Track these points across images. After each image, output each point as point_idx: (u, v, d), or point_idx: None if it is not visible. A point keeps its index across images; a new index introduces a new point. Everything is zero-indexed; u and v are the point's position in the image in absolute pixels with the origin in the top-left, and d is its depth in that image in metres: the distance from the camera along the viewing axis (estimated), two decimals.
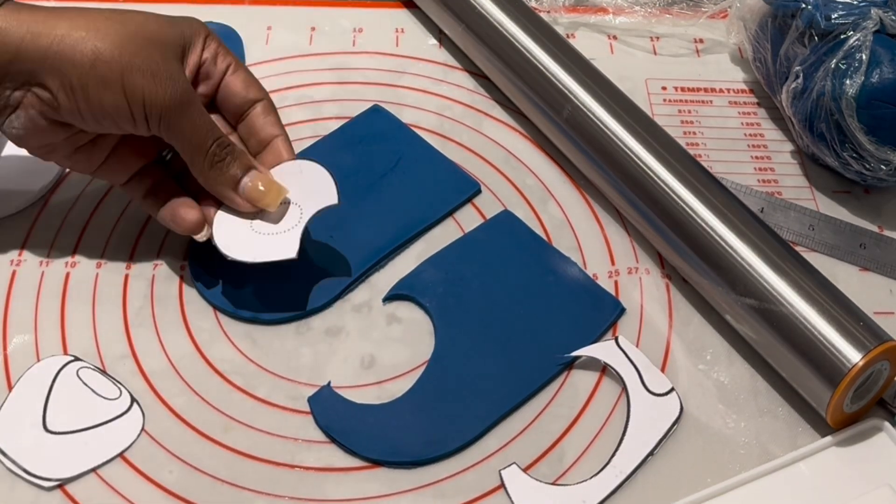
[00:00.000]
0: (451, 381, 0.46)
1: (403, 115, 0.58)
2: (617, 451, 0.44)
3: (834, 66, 0.51)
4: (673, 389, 0.46)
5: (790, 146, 0.58)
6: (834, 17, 0.52)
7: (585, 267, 0.51)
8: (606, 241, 0.53)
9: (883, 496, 0.42)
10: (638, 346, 0.48)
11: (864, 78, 0.50)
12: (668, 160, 0.51)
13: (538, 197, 0.55)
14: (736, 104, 0.61)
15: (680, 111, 0.60)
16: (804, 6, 0.54)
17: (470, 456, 0.44)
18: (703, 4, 0.65)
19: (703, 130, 0.59)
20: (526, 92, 0.57)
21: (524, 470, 0.44)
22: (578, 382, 0.47)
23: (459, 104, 0.60)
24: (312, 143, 0.57)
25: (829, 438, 0.45)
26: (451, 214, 0.54)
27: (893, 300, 0.51)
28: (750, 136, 0.59)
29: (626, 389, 0.46)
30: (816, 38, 0.53)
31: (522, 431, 0.45)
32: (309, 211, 0.47)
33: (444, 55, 0.63)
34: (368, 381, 0.47)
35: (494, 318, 0.49)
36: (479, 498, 0.43)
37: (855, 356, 0.42)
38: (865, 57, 0.50)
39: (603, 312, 0.49)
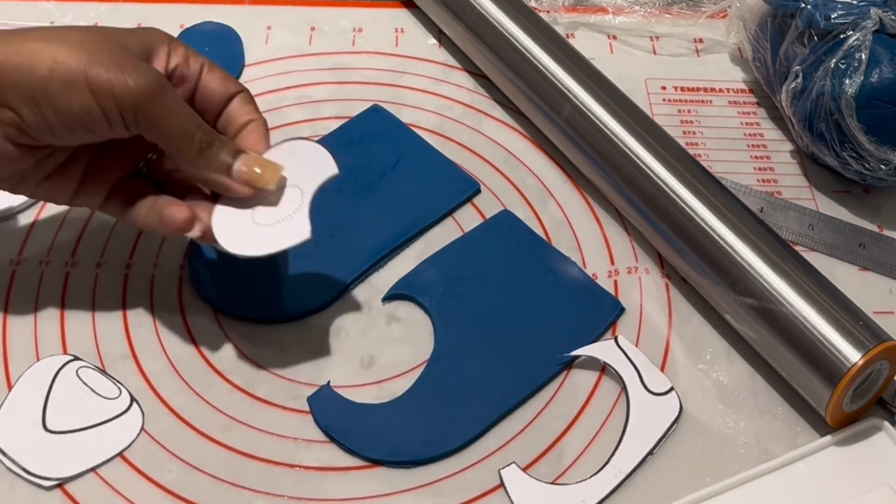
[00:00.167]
0: (450, 380, 0.46)
1: (403, 114, 0.58)
2: (616, 450, 0.44)
3: (833, 65, 0.51)
4: (672, 389, 0.46)
5: (790, 146, 0.58)
6: (833, 16, 0.52)
7: (585, 267, 0.51)
8: (606, 240, 0.53)
9: (882, 496, 0.42)
10: (637, 345, 0.48)
11: (863, 78, 0.50)
12: (667, 160, 0.51)
13: (538, 197, 0.55)
14: (736, 104, 0.61)
15: (680, 111, 0.60)
16: (804, 6, 0.54)
17: (469, 455, 0.44)
18: (702, 4, 0.65)
19: (702, 130, 0.59)
20: (526, 92, 0.57)
21: (524, 469, 0.44)
22: (578, 382, 0.47)
23: (459, 104, 0.60)
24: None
25: (828, 438, 0.45)
26: (450, 214, 0.54)
27: (893, 300, 0.51)
28: (749, 135, 0.59)
29: (625, 389, 0.46)
30: (816, 37, 0.53)
31: (522, 431, 0.45)
32: (310, 188, 0.44)
33: (443, 55, 0.63)
34: (368, 380, 0.47)
35: (494, 317, 0.49)
36: (478, 497, 0.43)
37: (854, 356, 0.42)
38: (865, 57, 0.50)
39: (602, 312, 0.49)
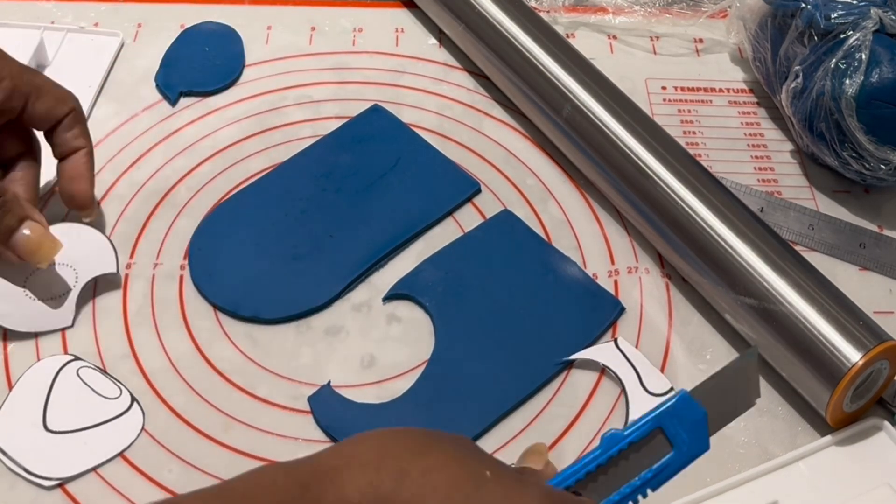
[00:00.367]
0: (450, 380, 0.46)
1: (403, 114, 0.58)
2: None
3: (833, 65, 0.51)
4: (672, 389, 0.46)
5: (790, 146, 0.58)
6: (833, 16, 0.52)
7: (585, 266, 0.51)
8: (606, 240, 0.53)
9: (882, 495, 0.42)
10: (638, 345, 0.48)
11: (863, 77, 0.50)
12: (667, 160, 0.51)
13: (538, 197, 0.55)
14: (736, 104, 0.61)
15: (680, 111, 0.60)
16: (804, 6, 0.54)
17: None
18: (702, 4, 0.65)
19: (702, 130, 0.59)
20: (526, 92, 0.57)
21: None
22: (578, 382, 0.47)
23: (459, 104, 0.60)
24: (312, 142, 0.57)
25: (828, 438, 0.45)
26: (451, 214, 0.54)
27: (893, 300, 0.51)
28: (750, 135, 0.59)
29: (624, 391, 0.46)
30: (816, 37, 0.53)
31: (522, 431, 0.45)
32: (84, 276, 0.48)
33: (443, 55, 0.63)
34: (368, 380, 0.47)
35: (494, 317, 0.49)
36: None
37: (854, 356, 0.42)
38: (865, 57, 0.50)
39: (603, 312, 0.49)
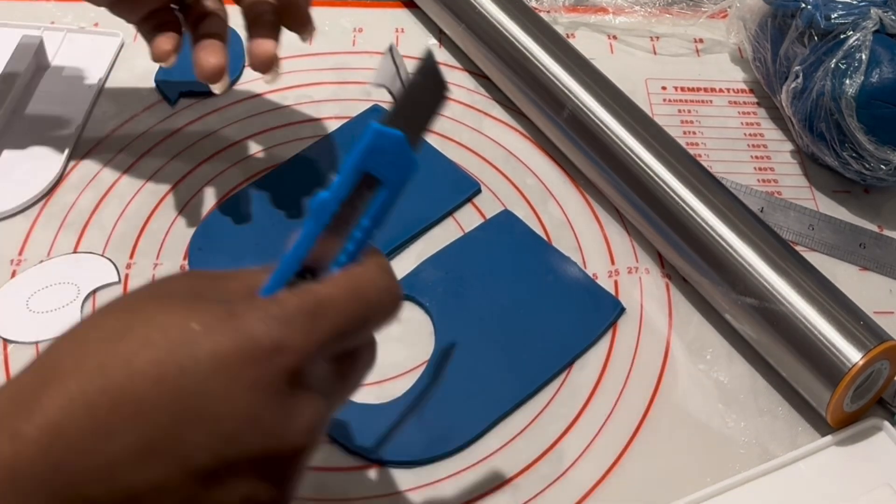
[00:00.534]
0: (450, 380, 0.46)
1: None
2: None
3: (834, 65, 0.51)
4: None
5: (790, 146, 0.58)
6: (834, 16, 0.52)
7: (585, 267, 0.51)
8: (606, 240, 0.53)
9: (883, 496, 0.42)
10: (637, 345, 0.48)
11: (863, 78, 0.50)
12: (668, 160, 0.51)
13: (538, 197, 0.55)
14: (736, 104, 0.61)
15: (680, 111, 0.60)
16: (804, 6, 0.54)
17: (470, 455, 0.44)
18: (702, 4, 0.65)
19: (703, 130, 0.59)
20: (526, 92, 0.57)
21: (525, 469, 0.44)
22: (578, 383, 0.47)
23: (459, 104, 0.60)
24: (312, 142, 0.57)
25: (828, 438, 0.45)
26: (451, 214, 0.54)
27: (893, 300, 0.51)
28: (750, 135, 0.59)
29: None
30: (816, 37, 0.53)
31: (522, 431, 0.45)
32: (86, 290, 0.49)
33: (444, 55, 0.63)
34: (368, 380, 0.46)
35: (494, 317, 0.49)
36: (479, 497, 0.43)
37: (855, 356, 0.42)
38: (865, 57, 0.50)
39: (603, 312, 0.49)
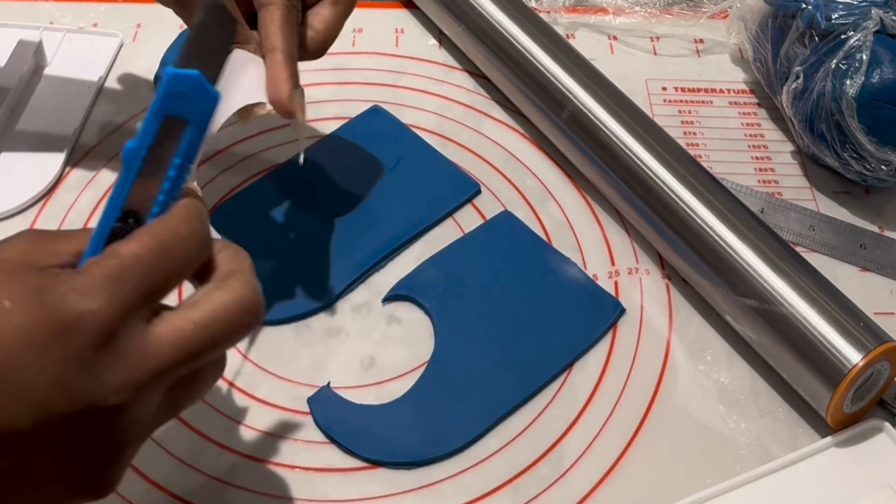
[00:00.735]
0: (450, 381, 0.46)
1: (403, 115, 0.58)
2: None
3: (834, 66, 0.51)
4: None
5: (790, 146, 0.58)
6: (834, 17, 0.52)
7: (585, 267, 0.51)
8: (606, 241, 0.53)
9: (883, 496, 0.42)
10: (638, 346, 0.48)
11: (864, 78, 0.50)
12: (668, 160, 0.50)
13: (538, 197, 0.55)
14: (736, 104, 0.61)
15: (680, 111, 0.60)
16: (804, 6, 0.54)
17: (470, 456, 0.44)
18: (703, 5, 0.65)
19: (703, 131, 0.59)
20: (526, 92, 0.57)
21: (524, 471, 0.44)
22: (578, 383, 0.47)
23: (459, 104, 0.60)
24: (312, 143, 0.56)
25: (829, 439, 0.45)
26: (451, 215, 0.54)
27: (894, 301, 0.51)
28: (750, 136, 0.59)
29: None
30: (817, 38, 0.53)
31: (522, 432, 0.45)
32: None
33: (443, 55, 0.63)
34: (368, 381, 0.47)
35: (494, 318, 0.49)
36: (479, 498, 0.43)
37: (855, 357, 0.42)
38: (866, 57, 0.50)
39: (603, 313, 0.49)
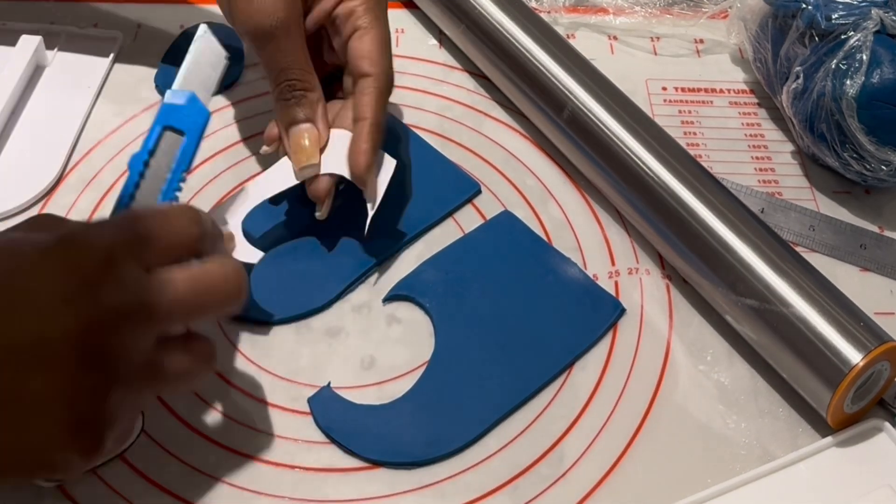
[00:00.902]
0: (451, 381, 0.46)
1: (403, 115, 0.58)
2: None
3: (834, 66, 0.51)
4: None
5: (790, 146, 0.58)
6: (834, 17, 0.52)
7: (585, 267, 0.51)
8: (606, 241, 0.53)
9: (883, 496, 0.42)
10: (638, 346, 0.48)
11: (864, 78, 0.50)
12: (668, 160, 0.50)
13: (538, 197, 0.55)
14: (736, 104, 0.61)
15: (680, 111, 0.60)
16: (805, 6, 0.54)
17: (470, 456, 0.44)
18: (703, 5, 0.65)
19: (703, 131, 0.59)
20: (526, 92, 0.57)
21: (524, 471, 0.44)
22: (579, 383, 0.47)
23: (459, 104, 0.60)
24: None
25: (829, 439, 0.45)
26: (451, 215, 0.54)
27: (894, 301, 0.51)
28: (750, 136, 0.59)
29: None
30: (817, 38, 0.53)
31: (522, 432, 0.45)
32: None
33: (444, 55, 0.63)
34: (368, 381, 0.47)
35: (494, 318, 0.49)
36: (479, 498, 0.43)
37: (855, 357, 0.42)
38: (866, 57, 0.50)
39: (603, 313, 0.49)
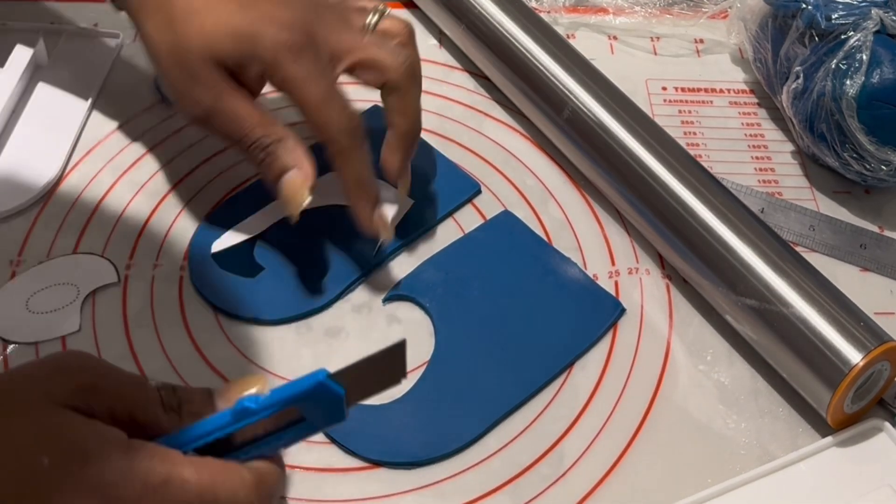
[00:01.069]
0: (451, 381, 0.46)
1: None
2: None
3: (834, 66, 0.51)
4: None
5: (790, 146, 0.58)
6: (834, 17, 0.52)
7: (585, 267, 0.51)
8: (606, 241, 0.53)
9: (883, 496, 0.42)
10: (638, 346, 0.48)
11: (864, 78, 0.50)
12: (668, 160, 0.50)
13: (538, 197, 0.55)
14: (736, 104, 0.61)
15: (680, 111, 0.60)
16: (804, 6, 0.54)
17: (470, 456, 0.44)
18: (703, 5, 0.65)
19: (703, 131, 0.59)
20: (526, 92, 0.57)
21: (525, 470, 0.44)
22: (579, 383, 0.47)
23: (459, 104, 0.60)
24: (313, 142, 0.56)
25: (829, 439, 0.45)
26: (451, 215, 0.54)
27: (894, 300, 0.51)
28: (750, 136, 0.59)
29: None
30: (817, 38, 0.53)
31: (522, 432, 0.45)
32: (85, 290, 0.48)
33: (444, 55, 0.63)
34: None
35: (494, 318, 0.49)
36: (479, 498, 0.43)
37: (855, 357, 0.42)
38: (866, 57, 0.50)
39: (603, 313, 0.49)
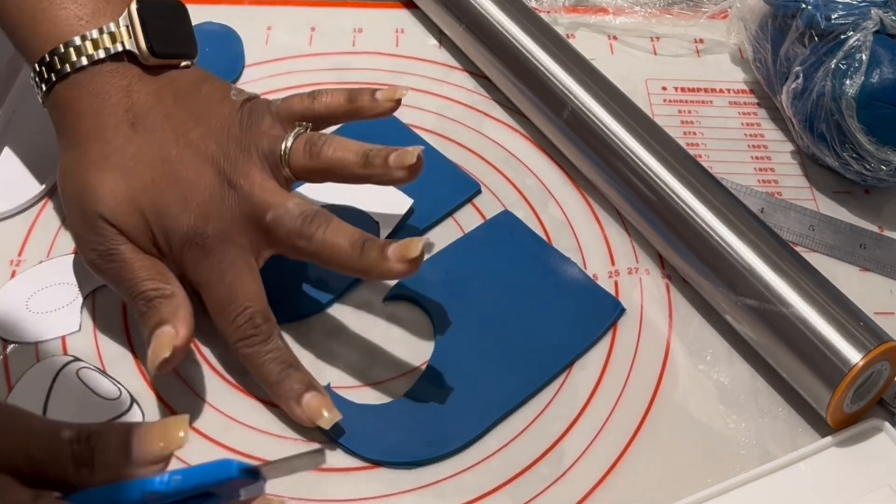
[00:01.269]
0: (450, 381, 0.46)
1: (403, 115, 0.58)
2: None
3: (834, 66, 0.51)
4: None
5: (790, 146, 0.58)
6: (834, 17, 0.52)
7: (585, 267, 0.51)
8: (606, 241, 0.53)
9: (883, 496, 0.42)
10: (638, 346, 0.48)
11: (864, 78, 0.50)
12: (668, 160, 0.51)
13: (538, 197, 0.55)
14: (736, 104, 0.61)
15: (680, 111, 0.60)
16: (804, 6, 0.54)
17: (470, 456, 0.44)
18: (703, 5, 0.65)
19: (703, 131, 0.59)
20: (526, 92, 0.57)
21: (525, 470, 0.44)
22: (579, 383, 0.47)
23: (459, 104, 0.60)
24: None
25: (829, 439, 0.45)
26: (451, 215, 0.54)
27: (894, 300, 0.51)
28: (750, 136, 0.59)
29: None
30: (816, 38, 0.53)
31: (523, 431, 0.45)
32: (86, 289, 0.49)
33: (444, 55, 0.63)
34: (368, 381, 0.47)
35: (494, 318, 0.49)
36: (479, 498, 0.43)
37: (855, 356, 0.42)
38: (865, 57, 0.50)
39: (603, 313, 0.49)
